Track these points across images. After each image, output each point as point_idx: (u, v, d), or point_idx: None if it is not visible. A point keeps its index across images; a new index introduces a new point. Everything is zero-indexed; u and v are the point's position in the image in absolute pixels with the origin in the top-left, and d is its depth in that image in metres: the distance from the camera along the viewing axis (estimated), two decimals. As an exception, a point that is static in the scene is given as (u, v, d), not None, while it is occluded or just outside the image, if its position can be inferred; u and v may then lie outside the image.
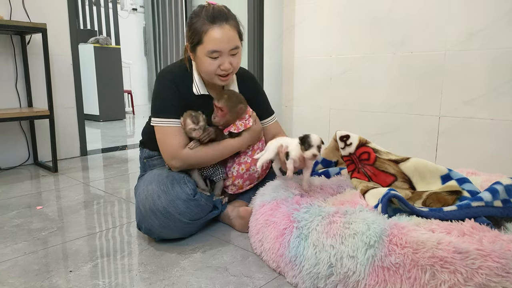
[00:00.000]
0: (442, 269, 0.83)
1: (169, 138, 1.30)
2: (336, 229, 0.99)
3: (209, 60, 1.26)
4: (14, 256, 1.20)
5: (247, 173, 1.41)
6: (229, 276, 1.08)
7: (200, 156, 1.31)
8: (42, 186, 1.98)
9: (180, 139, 1.30)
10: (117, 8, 5.87)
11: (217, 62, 1.27)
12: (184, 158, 1.29)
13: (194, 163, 1.33)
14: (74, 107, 2.64)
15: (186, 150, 1.30)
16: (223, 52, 1.25)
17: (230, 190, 1.44)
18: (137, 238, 1.33)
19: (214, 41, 1.23)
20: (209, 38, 1.23)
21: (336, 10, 2.43)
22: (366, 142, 1.40)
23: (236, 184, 1.43)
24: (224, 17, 1.25)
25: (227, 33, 1.24)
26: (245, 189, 1.45)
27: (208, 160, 1.34)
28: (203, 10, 1.26)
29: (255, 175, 1.43)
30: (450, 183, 1.24)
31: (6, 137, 2.37)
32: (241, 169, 1.41)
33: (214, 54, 1.25)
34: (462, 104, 1.97)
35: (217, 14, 1.24)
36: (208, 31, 1.23)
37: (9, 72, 2.33)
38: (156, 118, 1.32)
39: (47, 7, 2.43)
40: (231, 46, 1.26)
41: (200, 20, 1.24)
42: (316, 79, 2.61)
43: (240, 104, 1.35)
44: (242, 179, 1.42)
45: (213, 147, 1.33)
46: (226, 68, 1.27)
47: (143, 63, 6.45)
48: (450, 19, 1.96)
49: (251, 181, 1.44)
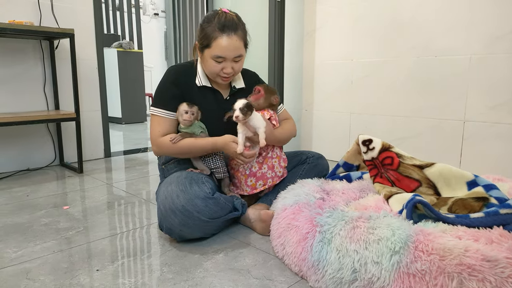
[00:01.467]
0: (470, 277, 0.82)
1: (154, 125, 1.42)
2: (360, 234, 0.99)
3: (213, 62, 1.37)
4: (43, 254, 1.24)
5: (259, 172, 1.44)
6: (251, 278, 1.09)
7: (173, 148, 1.38)
8: (68, 187, 2.04)
9: (161, 128, 1.41)
10: (140, 13, 6.00)
11: (221, 66, 1.37)
12: (160, 145, 1.40)
13: (168, 153, 1.44)
14: (99, 110, 2.71)
15: (163, 138, 1.40)
16: (227, 58, 1.36)
17: (245, 191, 1.45)
18: (159, 239, 1.35)
19: (220, 48, 1.33)
20: (216, 45, 1.33)
21: (358, 15, 2.42)
22: (389, 147, 1.39)
23: (249, 185, 1.44)
24: (233, 27, 1.34)
25: (233, 43, 1.34)
26: (259, 189, 1.45)
27: (182, 153, 1.41)
28: (216, 17, 1.34)
29: (267, 175, 1.45)
30: (476, 189, 1.22)
31: (34, 139, 2.45)
32: (253, 167, 1.44)
33: (219, 59, 1.36)
34: (487, 108, 1.93)
35: (227, 24, 1.33)
36: (217, 38, 1.33)
37: (37, 76, 2.42)
38: (151, 108, 1.44)
39: (74, 14, 2.51)
40: (235, 54, 1.36)
41: (211, 26, 1.34)
42: (336, 83, 2.60)
43: (275, 94, 1.51)
44: (255, 177, 1.44)
45: (189, 144, 1.39)
46: (228, 72, 1.39)
47: (164, 67, 6.56)
48: (476, 23, 1.93)
49: (264, 181, 1.45)
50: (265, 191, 1.52)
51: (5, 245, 1.31)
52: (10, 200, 1.80)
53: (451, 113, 2.06)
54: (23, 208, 1.69)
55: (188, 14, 6.09)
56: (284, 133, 1.52)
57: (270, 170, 1.46)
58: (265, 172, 1.45)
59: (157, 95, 1.44)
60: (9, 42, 2.28)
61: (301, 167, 1.57)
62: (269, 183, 1.47)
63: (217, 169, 1.44)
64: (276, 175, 1.48)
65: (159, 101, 1.42)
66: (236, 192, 1.47)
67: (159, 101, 1.42)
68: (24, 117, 2.08)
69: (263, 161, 1.46)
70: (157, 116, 1.42)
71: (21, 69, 2.35)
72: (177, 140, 1.37)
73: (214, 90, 1.49)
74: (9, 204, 1.74)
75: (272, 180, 1.47)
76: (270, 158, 1.47)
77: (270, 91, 1.50)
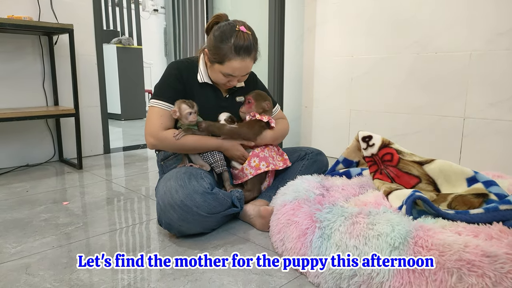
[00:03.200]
0: (470, 273, 0.82)
1: (155, 117, 1.40)
2: (360, 230, 0.99)
3: (221, 75, 1.40)
4: (43, 249, 1.24)
5: (262, 154, 1.47)
6: (251, 274, 1.09)
7: (176, 143, 1.39)
8: (68, 183, 2.03)
9: (163, 121, 1.40)
10: (139, 9, 5.98)
11: (228, 79, 1.42)
12: (161, 139, 1.39)
13: (168, 148, 1.43)
14: (98, 106, 2.70)
15: (165, 133, 1.39)
16: (237, 76, 1.40)
17: (249, 173, 1.44)
18: (158, 235, 1.35)
19: (232, 69, 1.37)
20: (229, 65, 1.36)
21: (358, 11, 2.41)
22: (389, 143, 1.39)
23: (252, 165, 1.44)
24: (248, 51, 1.35)
25: (246, 65, 1.38)
26: (262, 170, 1.44)
27: (183, 149, 1.43)
28: (234, 37, 1.33)
29: (269, 159, 1.47)
30: (476, 185, 1.22)
31: (33, 135, 2.45)
32: (256, 149, 1.48)
33: (228, 76, 1.40)
34: (488, 105, 1.93)
35: (244, 47, 1.34)
36: (231, 60, 1.35)
37: (37, 72, 2.41)
38: (151, 100, 1.43)
39: (74, 9, 2.50)
40: (244, 73, 1.41)
41: (227, 46, 1.34)
42: (336, 80, 2.60)
43: (266, 100, 1.53)
44: (258, 157, 1.46)
45: (194, 141, 1.40)
46: (233, 85, 1.45)
47: (163, 63, 6.54)
48: (477, 19, 1.92)
49: (267, 163, 1.46)
50: (265, 185, 1.52)
51: (4, 240, 1.31)
52: (10, 196, 1.80)
53: (451, 110, 2.06)
54: (22, 203, 1.69)
55: (187, 10, 6.07)
56: (277, 132, 1.56)
57: (270, 157, 1.49)
58: (267, 156, 1.48)
59: (160, 88, 1.43)
60: (8, 37, 2.27)
61: (300, 163, 1.57)
62: (271, 166, 1.46)
63: (216, 163, 1.44)
64: (276, 163, 1.50)
65: (162, 93, 1.42)
66: (240, 181, 1.48)
67: (162, 94, 1.41)
68: (23, 112, 2.08)
69: (264, 147, 1.50)
70: (158, 108, 1.40)
71: (20, 65, 2.34)
72: (181, 136, 1.38)
73: (215, 87, 1.50)
74: (8, 200, 1.74)
75: (274, 165, 1.48)
76: (269, 150, 1.51)
77: (262, 97, 1.53)
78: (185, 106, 1.36)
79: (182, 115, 1.37)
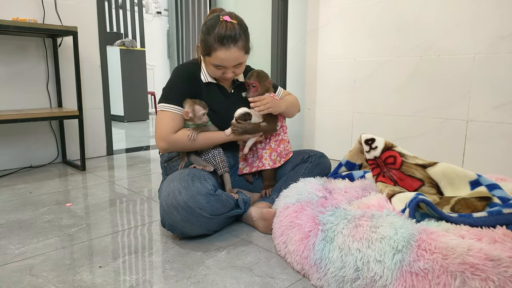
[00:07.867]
0: (473, 276, 0.81)
1: (165, 121, 1.40)
2: (363, 232, 0.99)
3: (213, 68, 1.41)
4: (46, 250, 1.24)
5: (279, 149, 1.55)
6: (254, 276, 1.09)
7: (189, 144, 1.41)
8: (71, 184, 2.04)
9: (174, 124, 1.40)
10: (142, 12, 6.00)
11: (221, 71, 1.41)
12: (172, 142, 1.40)
13: (181, 148, 1.44)
14: (101, 108, 2.71)
15: (176, 135, 1.39)
16: (227, 66, 1.39)
17: (268, 165, 1.52)
18: (161, 237, 1.36)
19: (219, 59, 1.36)
20: (215, 56, 1.36)
21: (361, 14, 2.42)
22: (392, 146, 1.39)
23: (272, 158, 1.52)
24: (233, 39, 1.34)
25: (232, 55, 1.35)
26: (278, 165, 1.54)
27: (194, 148, 1.44)
28: (216, 27, 1.33)
29: (283, 153, 1.55)
30: (479, 189, 1.21)
31: (37, 136, 2.46)
32: (275, 144, 1.54)
33: (219, 67, 1.39)
34: (491, 108, 1.92)
35: (227, 36, 1.32)
36: (216, 50, 1.35)
37: (41, 74, 2.42)
38: (160, 104, 1.43)
39: (78, 11, 2.51)
40: (234, 63, 1.39)
41: (211, 37, 1.34)
42: (339, 82, 2.60)
43: (268, 78, 1.54)
44: (277, 153, 1.53)
45: (205, 138, 1.42)
46: (229, 77, 1.44)
47: (166, 65, 6.56)
48: (480, 22, 1.92)
49: (285, 159, 1.56)
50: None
51: (8, 241, 1.32)
52: (13, 197, 1.80)
53: (455, 112, 2.05)
54: (26, 204, 1.70)
55: (190, 12, 6.09)
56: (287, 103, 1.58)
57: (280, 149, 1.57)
58: (284, 151, 1.56)
59: (169, 91, 1.43)
60: (12, 39, 2.29)
61: (303, 166, 1.57)
62: (282, 160, 1.56)
63: (217, 165, 1.45)
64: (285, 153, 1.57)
65: (172, 97, 1.42)
66: (251, 169, 1.54)
67: (172, 97, 1.41)
68: (27, 114, 2.09)
69: (280, 140, 1.56)
70: (170, 112, 1.40)
71: (25, 67, 2.36)
72: (195, 136, 1.40)
73: (219, 85, 1.51)
74: (12, 201, 1.75)
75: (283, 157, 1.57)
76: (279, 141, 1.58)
77: (263, 77, 1.53)
78: (199, 107, 1.38)
79: (196, 116, 1.38)
